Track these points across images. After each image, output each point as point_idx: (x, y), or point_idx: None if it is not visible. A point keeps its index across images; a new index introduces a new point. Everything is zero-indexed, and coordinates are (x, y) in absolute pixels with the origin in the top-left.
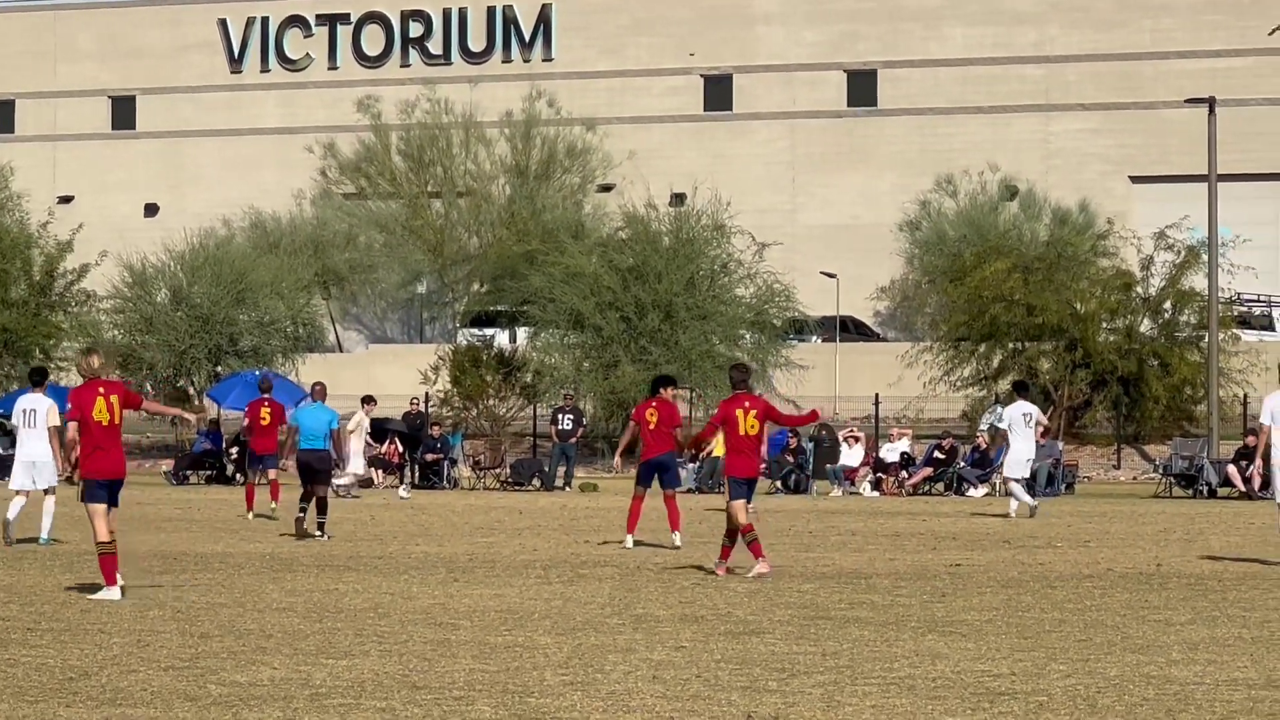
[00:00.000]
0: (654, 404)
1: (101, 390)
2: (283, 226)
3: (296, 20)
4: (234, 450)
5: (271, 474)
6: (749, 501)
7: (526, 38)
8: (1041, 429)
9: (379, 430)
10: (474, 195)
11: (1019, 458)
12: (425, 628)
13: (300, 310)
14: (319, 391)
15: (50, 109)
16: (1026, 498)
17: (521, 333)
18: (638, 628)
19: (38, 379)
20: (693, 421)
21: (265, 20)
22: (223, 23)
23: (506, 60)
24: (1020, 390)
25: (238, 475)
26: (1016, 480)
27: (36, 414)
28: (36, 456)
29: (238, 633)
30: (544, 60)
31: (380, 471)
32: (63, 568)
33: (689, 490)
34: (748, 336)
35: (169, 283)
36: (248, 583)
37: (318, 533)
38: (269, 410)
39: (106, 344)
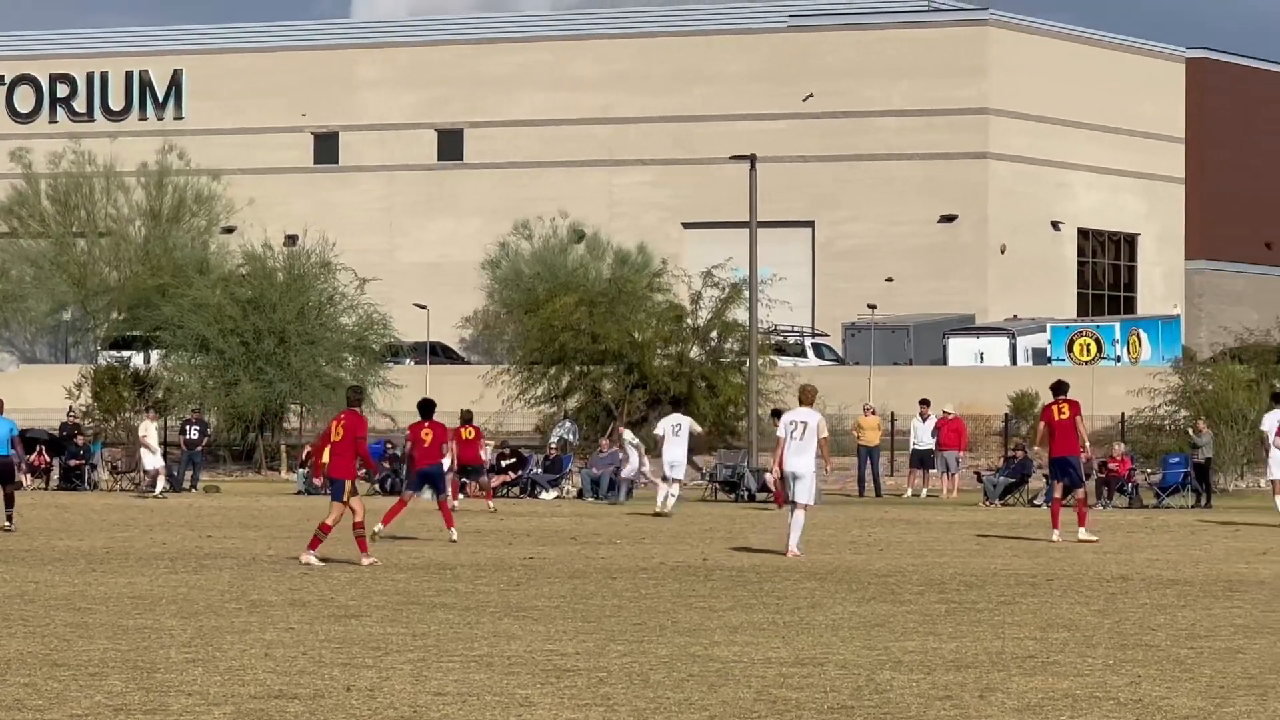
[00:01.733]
0: (427, 424)
1: None
2: None
3: None
4: None
5: None
6: (340, 499)
7: (160, 98)
8: (691, 435)
9: (28, 441)
10: (114, 235)
11: (668, 460)
12: (65, 612)
13: None
14: None
15: None
16: (662, 499)
17: (155, 355)
18: (253, 611)
19: None
20: (302, 433)
21: None
22: None
23: (143, 118)
24: (675, 405)
25: None
26: (669, 480)
27: None
28: None
29: None
30: (175, 118)
31: (29, 476)
32: None
33: (298, 493)
34: (350, 359)
35: None
36: None
37: (8, 525)
38: None
39: None
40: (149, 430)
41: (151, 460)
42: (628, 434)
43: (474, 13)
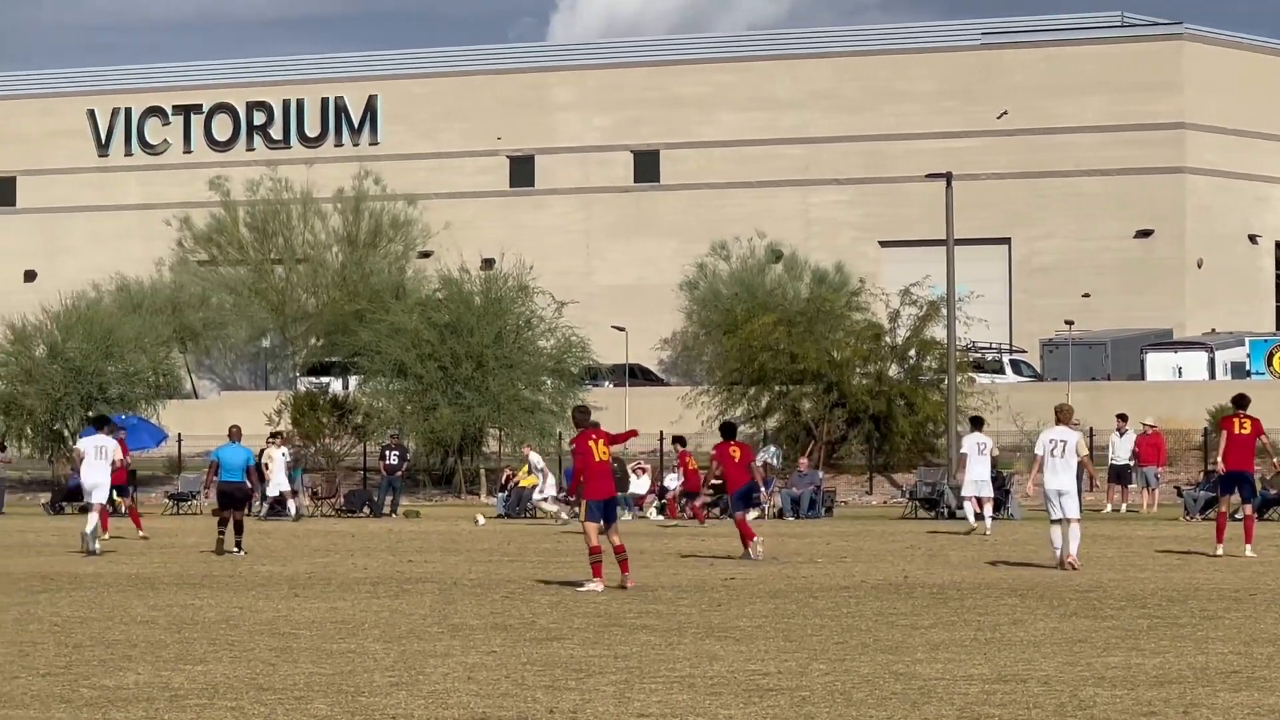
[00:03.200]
0: (733, 444)
1: None
2: (145, 290)
3: (156, 111)
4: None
5: (126, 503)
6: (612, 520)
7: (356, 124)
8: (993, 454)
9: None
10: (311, 261)
11: (973, 479)
12: (270, 637)
13: (160, 362)
14: (235, 433)
15: None
16: (972, 517)
17: (353, 380)
18: (455, 635)
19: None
20: (501, 456)
21: (129, 110)
22: (91, 113)
23: (339, 144)
24: (976, 425)
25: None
26: (968, 499)
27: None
28: None
29: (107, 643)
30: (371, 144)
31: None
32: None
33: (499, 516)
34: (549, 382)
35: (46, 339)
36: (116, 599)
37: (236, 550)
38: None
39: None
40: (274, 457)
41: (276, 485)
42: (534, 456)
43: (668, 34)
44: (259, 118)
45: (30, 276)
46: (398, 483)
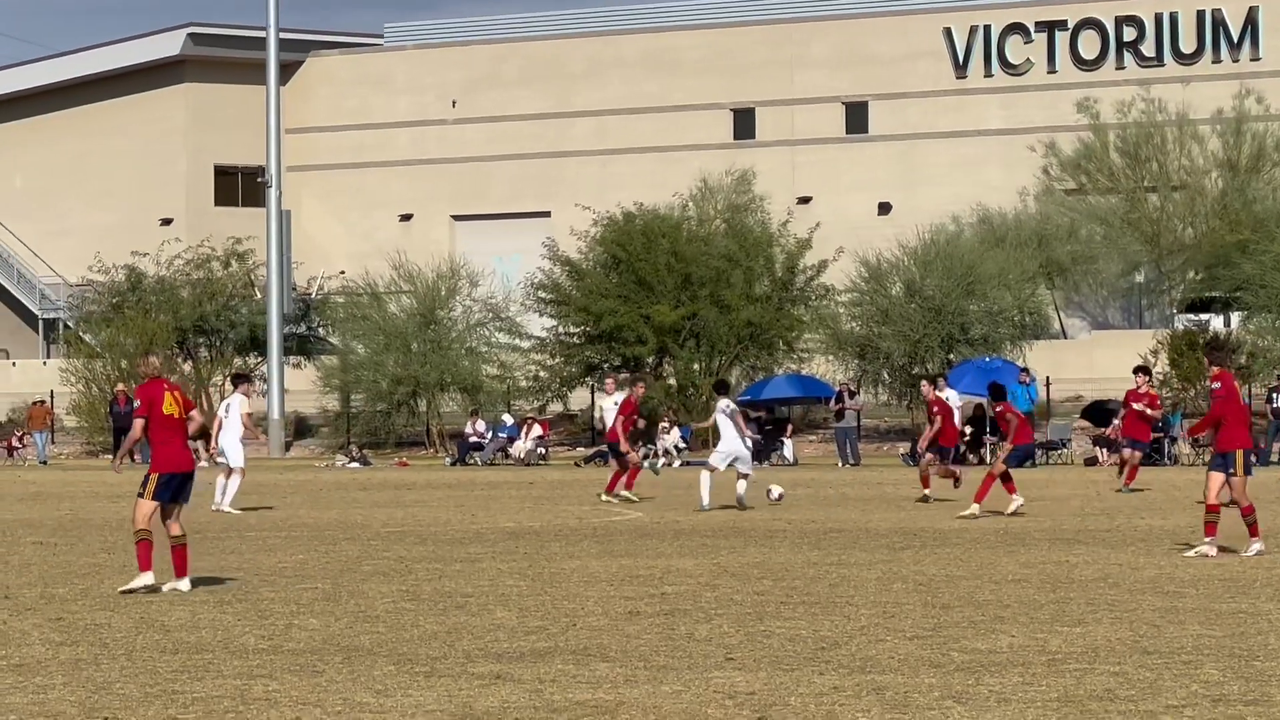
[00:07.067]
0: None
1: (166, 388)
2: (1008, 222)
3: (1017, 28)
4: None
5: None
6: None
7: (1235, 39)
8: None
9: (1103, 411)
10: (1188, 189)
11: None
12: (1153, 596)
13: (1026, 300)
14: None
15: (788, 115)
16: None
17: (1235, 317)
18: None
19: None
20: None
21: (988, 28)
22: (948, 31)
23: (1216, 60)
24: None
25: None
26: None
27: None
28: None
29: (976, 603)
30: (1252, 59)
31: (1105, 450)
32: (810, 545)
33: None
34: None
35: (903, 277)
36: (984, 556)
37: None
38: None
39: (845, 334)
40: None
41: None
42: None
43: None
44: (1129, 33)
45: (884, 209)
46: None
